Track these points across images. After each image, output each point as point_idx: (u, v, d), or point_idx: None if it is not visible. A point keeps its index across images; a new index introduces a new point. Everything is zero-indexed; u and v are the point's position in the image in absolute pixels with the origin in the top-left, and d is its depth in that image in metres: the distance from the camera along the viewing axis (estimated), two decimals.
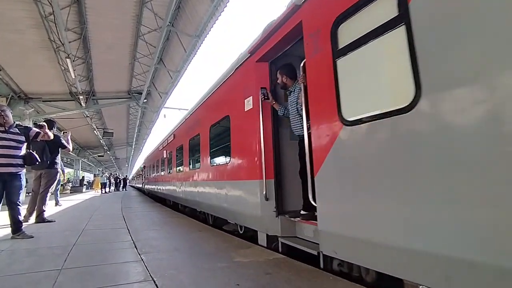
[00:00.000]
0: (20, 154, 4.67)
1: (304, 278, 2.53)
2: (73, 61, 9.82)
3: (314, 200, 2.86)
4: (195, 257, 3.37)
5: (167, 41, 10.62)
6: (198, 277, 2.63)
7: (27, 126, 5.11)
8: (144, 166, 22.73)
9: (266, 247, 3.83)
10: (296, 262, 3.05)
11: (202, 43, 9.43)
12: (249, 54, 4.31)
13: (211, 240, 4.36)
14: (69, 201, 13.59)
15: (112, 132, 21.38)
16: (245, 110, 4.34)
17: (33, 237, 4.57)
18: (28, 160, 4.79)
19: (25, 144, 4.82)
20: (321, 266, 2.82)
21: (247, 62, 4.40)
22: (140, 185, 28.32)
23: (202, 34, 8.96)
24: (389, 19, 2.01)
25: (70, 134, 7.27)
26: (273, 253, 3.46)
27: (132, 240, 4.36)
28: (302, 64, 3.12)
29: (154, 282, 2.46)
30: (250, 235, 4.56)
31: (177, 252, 3.66)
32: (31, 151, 4.96)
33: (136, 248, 3.79)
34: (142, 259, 3.22)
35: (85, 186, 33.21)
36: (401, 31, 1.93)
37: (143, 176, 24.46)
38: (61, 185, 24.42)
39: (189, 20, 8.83)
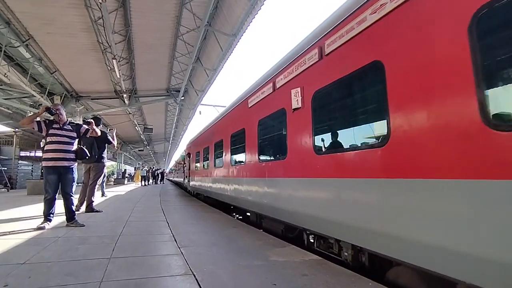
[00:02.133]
0: (73, 149, 5.08)
1: (342, 282, 2.50)
2: (118, 61, 10.44)
3: None
4: (232, 253, 3.46)
5: (204, 40, 10.90)
6: (236, 274, 2.71)
7: (78, 124, 5.54)
8: (189, 154, 15.22)
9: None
10: (333, 264, 3.02)
11: (238, 41, 9.56)
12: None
13: (246, 236, 4.44)
14: (113, 192, 14.55)
15: (152, 128, 22.46)
16: None
17: (84, 225, 4.99)
18: (79, 155, 5.20)
19: (77, 140, 5.23)
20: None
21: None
22: (181, 179, 21.58)
23: (239, 33, 9.08)
24: None
25: (115, 130, 7.77)
26: (309, 254, 3.45)
27: (172, 233, 4.58)
28: None
29: (194, 276, 2.58)
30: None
31: (214, 247, 3.78)
32: (82, 146, 5.40)
33: (176, 242, 3.97)
34: (182, 253, 3.38)
35: (126, 179, 35.36)
36: None
37: (186, 168, 16.53)
38: (106, 177, 26.27)
39: (226, 19, 8.99)
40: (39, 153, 25.09)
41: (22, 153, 23.33)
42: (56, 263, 2.94)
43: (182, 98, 16.73)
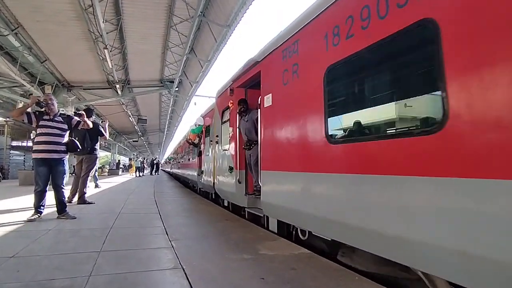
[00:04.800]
0: (64, 142, 5.03)
1: (329, 276, 2.54)
2: (110, 51, 10.27)
3: None
4: (222, 246, 3.49)
5: (198, 30, 10.75)
6: (225, 268, 2.73)
7: (69, 115, 5.47)
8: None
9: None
10: (322, 258, 3.06)
11: (232, 32, 9.44)
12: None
13: (238, 230, 4.47)
14: (107, 183, 14.51)
15: (146, 119, 22.30)
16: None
17: (75, 218, 4.97)
18: (70, 147, 5.15)
19: (68, 132, 5.17)
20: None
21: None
22: (189, 173, 13.88)
23: (233, 24, 8.96)
24: None
25: (108, 122, 7.69)
26: (298, 248, 3.49)
27: (164, 226, 4.59)
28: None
29: (184, 270, 2.60)
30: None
31: (206, 240, 3.81)
32: (73, 138, 5.34)
33: (167, 234, 3.99)
34: (172, 246, 3.40)
35: (121, 169, 35.20)
36: None
37: (205, 151, 9.37)
38: (99, 167, 26.11)
39: (220, 10, 8.85)
40: (30, 144, 24.77)
41: (14, 143, 23.01)
42: (45, 257, 2.93)
43: (176, 89, 16.58)
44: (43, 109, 4.90)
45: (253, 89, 5.48)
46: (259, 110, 4.65)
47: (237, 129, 5.53)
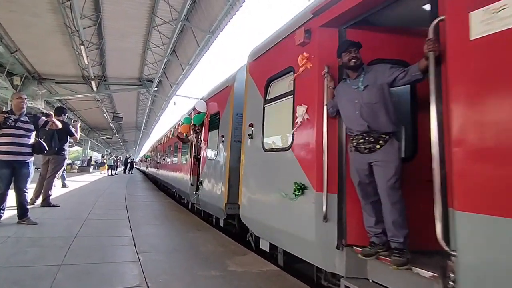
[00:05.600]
0: (29, 143, 4.78)
1: None
2: (87, 47, 9.93)
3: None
4: (192, 261, 3.46)
5: (181, 33, 10.64)
6: (191, 286, 2.71)
7: (36, 115, 5.20)
8: (216, 114, 6.13)
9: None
10: (290, 277, 3.10)
11: (215, 39, 9.43)
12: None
13: (208, 242, 4.44)
14: (76, 182, 13.87)
15: (122, 117, 21.67)
16: None
17: (37, 223, 4.71)
18: (37, 149, 4.89)
19: (34, 132, 4.92)
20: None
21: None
22: (177, 177, 10.03)
23: (216, 30, 8.95)
24: None
25: (80, 123, 7.41)
26: (267, 264, 3.52)
27: (132, 235, 4.47)
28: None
29: None
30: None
31: (175, 253, 3.75)
32: (40, 139, 5.09)
33: (135, 246, 3.89)
34: (139, 260, 3.32)
35: (92, 167, 33.83)
36: None
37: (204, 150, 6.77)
38: (68, 164, 24.94)
39: (204, 16, 8.81)
40: None
41: None
42: (2, 269, 2.78)
43: (156, 89, 16.26)
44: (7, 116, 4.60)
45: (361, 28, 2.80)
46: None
47: (325, 107, 2.69)
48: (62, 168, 7.21)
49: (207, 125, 6.49)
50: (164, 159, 14.02)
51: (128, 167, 32.01)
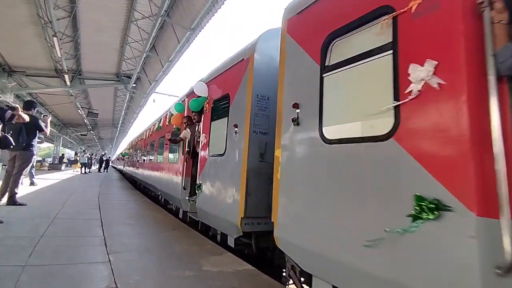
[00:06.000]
0: None
1: None
2: (61, 39, 9.51)
3: None
4: (165, 261, 3.39)
5: (161, 29, 10.43)
6: (164, 286, 2.65)
7: (1, 108, 4.93)
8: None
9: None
10: (265, 276, 3.10)
11: (196, 36, 9.31)
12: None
13: (184, 241, 4.36)
14: (45, 180, 13.24)
15: (97, 113, 20.92)
16: None
17: (2, 222, 4.45)
18: (2, 144, 4.66)
19: (0, 126, 4.66)
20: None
21: None
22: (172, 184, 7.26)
23: (197, 28, 8.84)
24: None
25: (50, 118, 7.07)
26: (243, 264, 3.50)
27: (104, 235, 4.31)
28: None
29: None
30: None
31: (147, 253, 3.66)
32: (6, 134, 4.82)
33: (106, 246, 3.75)
34: (109, 260, 3.20)
35: (64, 164, 32.40)
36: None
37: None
38: (38, 161, 23.79)
39: (185, 12, 8.68)
40: None
41: None
42: None
43: (134, 85, 15.84)
44: None
45: None
46: None
47: (490, 59, 1.49)
48: (30, 165, 6.85)
49: (208, 113, 5.05)
50: (145, 157, 12.27)
51: (103, 165, 30.99)
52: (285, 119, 2.89)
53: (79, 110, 21.73)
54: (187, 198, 5.70)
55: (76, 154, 35.86)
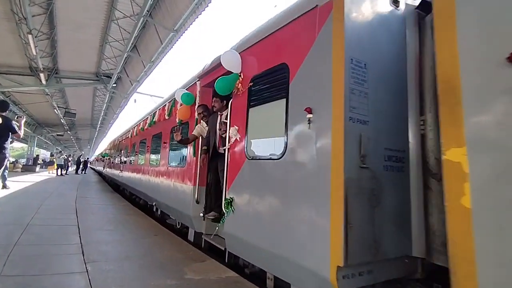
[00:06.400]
0: None
1: None
2: (36, 36, 9.13)
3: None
4: (146, 269, 3.30)
5: (143, 29, 10.24)
6: None
7: None
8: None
9: None
10: (248, 284, 3.08)
11: (180, 37, 9.20)
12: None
13: (166, 248, 4.28)
14: (19, 182, 12.63)
15: (75, 113, 20.26)
16: None
17: None
18: None
19: None
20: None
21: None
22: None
23: (181, 29, 8.73)
24: None
25: (24, 119, 6.77)
26: (227, 271, 3.46)
27: (81, 242, 4.16)
28: None
29: None
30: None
31: (127, 261, 3.55)
32: None
33: (83, 254, 3.62)
34: (87, 270, 3.09)
35: (39, 166, 31.07)
36: None
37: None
38: (11, 163, 22.69)
39: (168, 13, 8.55)
40: None
41: None
42: None
43: (114, 85, 15.43)
44: None
45: None
46: None
47: None
48: (3, 168, 6.53)
49: (243, 96, 3.53)
50: (133, 158, 10.33)
51: (81, 166, 29.95)
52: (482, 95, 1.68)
53: (55, 110, 20.92)
54: (201, 215, 4.37)
55: (52, 155, 34.49)
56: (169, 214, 6.00)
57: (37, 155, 36.69)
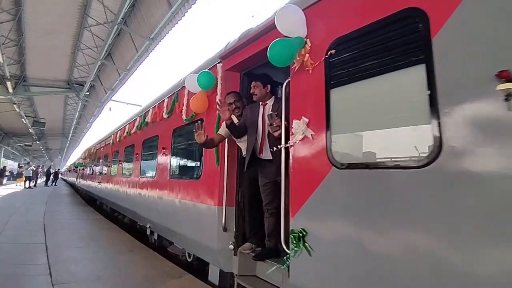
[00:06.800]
0: None
1: None
2: (3, 43, 8.67)
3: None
4: None
5: (118, 37, 9.98)
6: None
7: None
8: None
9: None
10: None
11: (156, 46, 9.05)
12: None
13: (141, 264, 4.12)
14: None
15: (44, 122, 19.31)
16: None
17: None
18: None
19: None
20: None
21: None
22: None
23: (157, 38, 8.60)
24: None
25: None
26: (204, 286, 3.38)
27: (48, 262, 3.92)
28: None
29: None
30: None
31: (99, 282, 3.38)
32: None
33: (51, 276, 3.41)
34: None
35: (6, 178, 29.27)
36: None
37: None
38: None
39: (144, 21, 8.39)
40: None
41: None
42: None
43: (87, 93, 14.87)
44: None
45: None
46: None
47: None
48: None
49: (316, 71, 2.30)
50: (116, 167, 8.69)
51: (51, 178, 28.50)
52: None
53: (23, 119, 19.82)
54: (232, 247, 3.14)
55: (20, 166, 32.61)
56: (173, 242, 4.67)
57: (4, 167, 34.56)
